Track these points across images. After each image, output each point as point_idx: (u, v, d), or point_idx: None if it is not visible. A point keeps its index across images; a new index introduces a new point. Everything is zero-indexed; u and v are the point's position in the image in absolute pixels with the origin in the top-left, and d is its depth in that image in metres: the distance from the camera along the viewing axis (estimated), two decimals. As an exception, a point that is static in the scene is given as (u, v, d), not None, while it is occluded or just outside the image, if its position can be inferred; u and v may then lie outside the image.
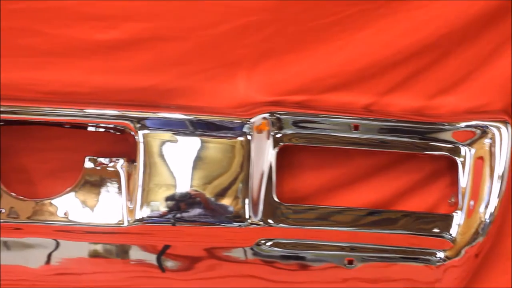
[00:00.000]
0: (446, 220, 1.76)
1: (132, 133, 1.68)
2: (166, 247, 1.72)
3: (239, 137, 1.70)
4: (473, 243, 1.75)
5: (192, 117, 1.70)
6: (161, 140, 1.68)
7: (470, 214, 1.75)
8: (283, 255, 1.74)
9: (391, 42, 1.73)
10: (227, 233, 1.70)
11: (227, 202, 1.69)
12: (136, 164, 1.68)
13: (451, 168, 1.79)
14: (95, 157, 1.72)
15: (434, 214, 1.79)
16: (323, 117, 1.73)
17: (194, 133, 1.69)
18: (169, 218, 1.68)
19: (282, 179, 1.75)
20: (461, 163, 1.76)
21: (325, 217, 1.74)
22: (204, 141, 1.69)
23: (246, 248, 1.72)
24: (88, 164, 1.72)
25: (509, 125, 1.74)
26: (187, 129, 1.69)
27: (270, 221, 1.70)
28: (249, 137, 1.70)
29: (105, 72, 1.70)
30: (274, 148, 1.71)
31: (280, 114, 1.71)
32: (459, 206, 1.76)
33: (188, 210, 1.68)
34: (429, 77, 1.78)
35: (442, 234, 1.76)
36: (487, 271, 1.85)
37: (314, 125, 1.72)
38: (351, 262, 1.75)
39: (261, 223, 1.70)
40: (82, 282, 1.74)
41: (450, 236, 1.75)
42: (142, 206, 1.67)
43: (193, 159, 1.69)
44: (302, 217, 1.73)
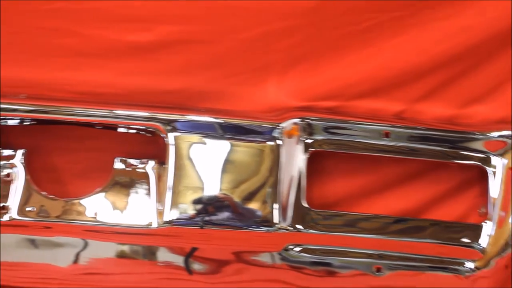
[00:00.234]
0: (476, 230, 1.75)
1: (163, 135, 1.69)
2: (194, 250, 1.72)
3: (269, 142, 1.70)
4: (503, 254, 1.73)
5: (222, 121, 1.70)
6: (191, 143, 1.69)
7: (501, 225, 1.73)
8: (311, 261, 1.73)
9: (424, 50, 1.73)
10: (255, 238, 1.70)
11: (256, 207, 1.68)
12: (166, 166, 1.68)
13: (482, 178, 1.77)
14: (125, 158, 1.73)
15: (464, 224, 1.78)
16: (354, 124, 1.72)
17: (224, 137, 1.69)
18: (198, 221, 1.68)
19: (311, 185, 1.75)
20: (492, 173, 1.75)
21: (354, 224, 1.73)
22: (234, 145, 1.69)
23: (274, 253, 1.72)
24: (118, 165, 1.72)
25: (542, 136, 1.72)
26: (217, 132, 1.70)
27: (299, 227, 1.70)
28: (279, 142, 1.69)
29: (138, 74, 1.71)
30: (304, 154, 1.70)
31: (311, 120, 1.71)
32: (489, 216, 1.75)
33: (217, 213, 1.68)
34: (461, 86, 1.77)
35: (472, 244, 1.74)
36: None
37: (345, 131, 1.72)
38: (380, 270, 1.74)
39: (290, 228, 1.69)
40: (110, 283, 1.74)
41: (480, 247, 1.74)
42: (171, 208, 1.67)
43: (223, 163, 1.69)
44: (331, 223, 1.72)
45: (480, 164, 1.75)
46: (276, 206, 1.68)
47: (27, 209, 1.68)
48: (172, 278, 1.74)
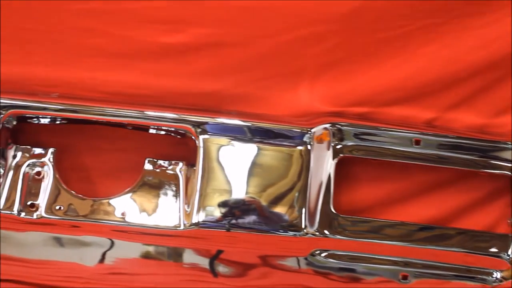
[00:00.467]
0: (505, 240, 1.74)
1: (193, 138, 1.69)
2: (220, 252, 1.72)
3: (299, 146, 1.69)
4: (532, 265, 1.73)
5: (253, 124, 1.70)
6: (221, 146, 1.69)
7: (530, 236, 1.73)
8: (337, 267, 1.73)
9: (456, 58, 1.72)
10: (282, 242, 1.69)
11: (283, 211, 1.68)
12: (195, 168, 1.68)
13: (512, 188, 1.76)
14: (155, 159, 1.73)
15: (492, 234, 1.77)
16: (384, 130, 1.72)
17: (254, 140, 1.69)
18: (224, 224, 1.68)
19: (339, 190, 1.74)
20: (523, 183, 1.74)
21: (381, 231, 1.72)
22: (263, 149, 1.69)
23: (300, 258, 1.72)
24: (148, 166, 1.73)
25: None
26: (247, 136, 1.69)
27: (326, 232, 1.70)
28: (309, 147, 1.69)
29: (169, 76, 1.72)
30: (334, 159, 1.70)
31: (342, 125, 1.71)
32: (519, 227, 1.74)
33: (244, 217, 1.68)
34: (493, 95, 1.76)
35: (500, 254, 1.73)
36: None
37: (375, 138, 1.71)
38: (406, 278, 1.73)
39: (317, 234, 1.69)
40: (135, 283, 1.75)
41: (508, 257, 1.73)
42: (199, 210, 1.67)
43: (252, 166, 1.69)
44: (358, 230, 1.71)
45: (511, 174, 1.73)
46: (304, 211, 1.68)
47: (56, 208, 1.68)
48: (197, 280, 1.74)
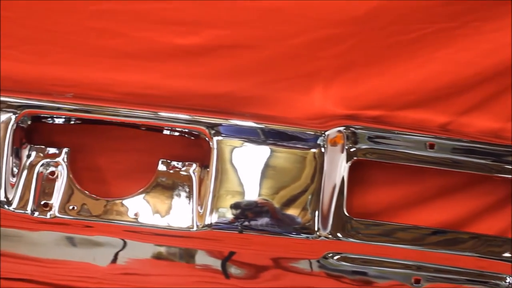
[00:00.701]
0: (518, 245, 1.73)
1: (207, 139, 1.69)
2: (232, 254, 1.72)
3: (313, 149, 1.69)
4: (546, 270, 1.72)
5: (267, 126, 1.70)
6: (235, 147, 1.69)
7: (545, 241, 1.72)
8: (350, 270, 1.72)
9: (471, 62, 1.71)
10: (295, 244, 1.69)
11: (296, 213, 1.68)
12: (209, 170, 1.68)
13: (526, 193, 1.76)
14: (169, 160, 1.73)
15: (505, 238, 1.76)
16: (398, 134, 1.71)
17: (267, 142, 1.69)
18: (237, 226, 1.68)
19: (353, 193, 1.74)
20: (537, 188, 1.73)
21: (394, 234, 1.72)
22: (277, 151, 1.69)
23: (312, 260, 1.72)
24: (161, 167, 1.73)
25: None
26: (261, 138, 1.69)
27: (339, 235, 1.69)
28: (323, 150, 1.69)
29: (183, 77, 1.72)
30: (348, 162, 1.70)
31: (356, 128, 1.71)
32: (533, 232, 1.73)
33: (256, 219, 1.68)
34: (507, 99, 1.76)
35: (513, 259, 1.73)
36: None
37: (389, 141, 1.71)
38: (418, 282, 1.73)
39: (330, 237, 1.69)
40: (147, 283, 1.75)
41: (522, 262, 1.72)
42: (212, 212, 1.67)
43: (265, 168, 1.69)
44: (371, 233, 1.71)
45: (525, 179, 1.73)
46: (317, 214, 1.68)
47: (69, 208, 1.69)
48: (209, 282, 1.74)
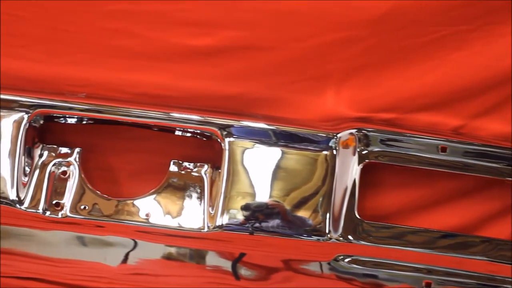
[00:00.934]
0: (529, 250, 1.73)
1: (219, 140, 1.69)
2: (242, 255, 1.72)
3: (324, 151, 1.69)
4: (558, 274, 1.72)
5: (278, 128, 1.70)
6: (247, 149, 1.69)
7: (557, 245, 1.72)
8: (361, 273, 1.72)
9: (485, 66, 1.71)
10: (305, 246, 1.69)
11: (307, 215, 1.68)
12: (220, 171, 1.68)
13: (538, 197, 1.75)
14: (180, 161, 1.73)
15: (516, 242, 1.76)
16: (411, 137, 1.71)
17: (279, 144, 1.69)
18: (248, 227, 1.68)
19: (364, 196, 1.74)
20: (549, 192, 1.73)
21: (405, 237, 1.72)
22: (289, 153, 1.69)
23: (323, 263, 1.71)
24: (173, 168, 1.73)
25: None
26: (272, 140, 1.69)
27: (350, 238, 1.69)
28: (335, 152, 1.68)
29: (196, 78, 1.72)
30: (359, 165, 1.70)
31: (368, 131, 1.70)
32: (544, 236, 1.73)
33: (268, 220, 1.68)
34: (522, 104, 1.75)
35: (525, 263, 1.72)
36: None
37: (401, 144, 1.71)
38: (429, 285, 1.72)
39: (341, 239, 1.69)
40: (158, 284, 1.75)
41: (533, 266, 1.72)
42: (223, 213, 1.67)
43: (277, 170, 1.69)
44: (382, 236, 1.71)
45: (537, 183, 1.73)
46: (328, 216, 1.68)
47: (81, 207, 1.69)
48: (220, 283, 1.74)
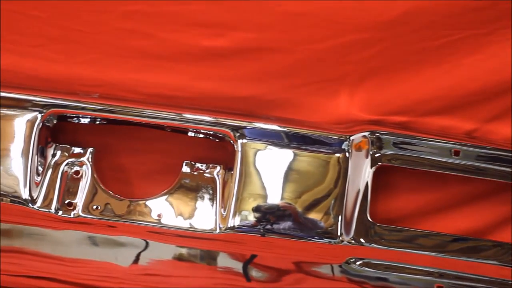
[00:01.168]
0: (541, 254, 1.72)
1: (231, 142, 1.69)
2: (254, 257, 1.72)
3: (337, 154, 1.69)
4: None
5: (291, 130, 1.69)
6: (259, 151, 1.69)
7: None
8: (372, 276, 1.72)
9: (499, 70, 1.71)
10: (317, 249, 1.69)
11: (319, 218, 1.68)
12: (233, 173, 1.68)
13: (551, 202, 1.75)
14: (193, 162, 1.73)
15: (529, 247, 1.75)
16: (424, 140, 1.71)
17: (292, 146, 1.69)
18: (260, 229, 1.68)
19: (376, 199, 1.74)
20: (562, 197, 1.72)
21: (417, 241, 1.72)
22: (301, 155, 1.69)
23: (335, 265, 1.71)
24: (185, 169, 1.73)
25: None
26: (285, 142, 1.70)
27: (362, 240, 1.69)
28: (347, 155, 1.68)
29: (210, 79, 1.72)
30: (372, 167, 1.70)
31: (381, 134, 1.70)
32: (557, 241, 1.73)
33: (279, 222, 1.68)
34: (535, 108, 1.74)
35: (536, 268, 1.72)
36: None
37: (414, 147, 1.71)
38: (441, 289, 1.72)
39: (353, 242, 1.69)
40: (169, 284, 1.75)
41: (545, 271, 1.71)
42: (235, 215, 1.68)
43: (289, 172, 1.69)
44: (394, 239, 1.71)
45: (550, 188, 1.72)
46: (340, 219, 1.67)
47: (93, 207, 1.69)
48: (231, 284, 1.74)
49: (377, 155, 1.70)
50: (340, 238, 1.68)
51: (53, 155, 1.72)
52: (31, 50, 1.70)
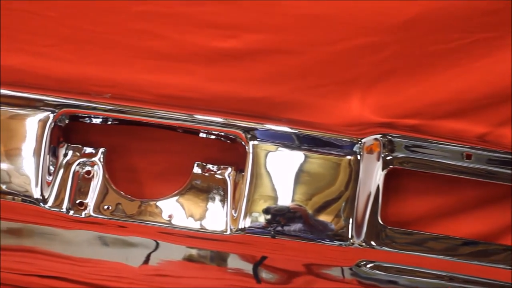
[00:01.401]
0: (553, 259, 1.71)
1: (243, 143, 1.69)
2: (264, 258, 1.72)
3: (348, 156, 1.69)
4: None
5: (303, 132, 1.69)
6: (271, 152, 1.69)
7: None
8: (383, 279, 1.71)
9: (510, 73, 1.70)
10: (328, 251, 1.69)
11: (330, 220, 1.68)
12: (244, 174, 1.68)
13: (563, 206, 1.74)
14: (204, 163, 1.73)
15: (540, 252, 1.74)
16: (435, 143, 1.70)
17: (303, 148, 1.69)
18: (270, 230, 1.67)
19: (387, 202, 1.73)
20: None
21: (428, 244, 1.71)
22: (313, 157, 1.69)
23: (345, 268, 1.71)
24: (197, 170, 1.73)
25: None
26: (296, 143, 1.69)
27: (373, 243, 1.69)
28: (359, 157, 1.68)
29: (222, 80, 1.72)
30: (383, 170, 1.69)
31: (393, 137, 1.70)
32: None
33: (290, 224, 1.68)
34: (547, 112, 1.74)
35: (549, 273, 1.71)
36: None
37: (426, 151, 1.70)
38: (452, 293, 1.72)
39: (364, 244, 1.68)
40: (179, 285, 1.75)
41: (557, 276, 1.71)
42: (246, 216, 1.67)
43: (300, 174, 1.69)
44: (406, 242, 1.70)
45: (562, 192, 1.72)
46: (351, 221, 1.67)
47: (104, 207, 1.70)
48: (241, 286, 1.74)
49: (389, 158, 1.70)
50: (351, 241, 1.68)
51: (65, 155, 1.72)
52: (43, 50, 1.70)
